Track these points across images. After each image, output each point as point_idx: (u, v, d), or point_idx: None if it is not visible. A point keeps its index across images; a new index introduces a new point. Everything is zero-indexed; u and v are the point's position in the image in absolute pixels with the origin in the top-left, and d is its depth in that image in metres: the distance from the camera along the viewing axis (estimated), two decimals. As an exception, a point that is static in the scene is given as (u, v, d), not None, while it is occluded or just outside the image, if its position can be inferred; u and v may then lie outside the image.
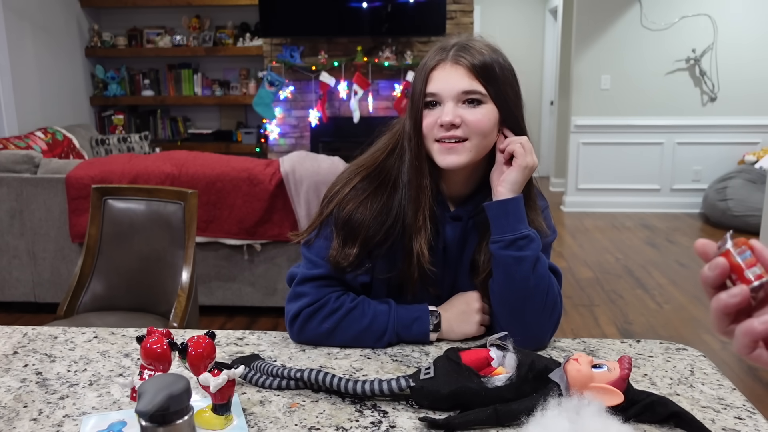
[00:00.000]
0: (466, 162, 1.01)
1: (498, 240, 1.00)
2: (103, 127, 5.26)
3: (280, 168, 2.87)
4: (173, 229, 1.83)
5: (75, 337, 1.09)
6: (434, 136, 1.00)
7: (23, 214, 2.97)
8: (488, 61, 0.99)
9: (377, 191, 1.05)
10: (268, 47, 4.96)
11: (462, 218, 1.08)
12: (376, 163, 1.07)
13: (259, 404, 0.86)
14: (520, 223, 1.00)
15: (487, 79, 0.98)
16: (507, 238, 0.99)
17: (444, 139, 1.00)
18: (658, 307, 3.30)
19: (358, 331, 1.03)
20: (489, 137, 1.01)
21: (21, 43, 4.30)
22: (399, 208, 1.04)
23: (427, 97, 1.01)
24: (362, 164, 1.09)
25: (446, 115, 0.98)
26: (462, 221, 1.08)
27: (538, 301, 1.01)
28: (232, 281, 3.01)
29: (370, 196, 1.04)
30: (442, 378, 0.84)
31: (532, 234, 1.00)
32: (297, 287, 1.05)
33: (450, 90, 0.98)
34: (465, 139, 0.99)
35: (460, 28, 4.88)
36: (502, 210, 1.00)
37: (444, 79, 0.99)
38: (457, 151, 1.00)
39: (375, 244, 1.03)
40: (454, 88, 0.98)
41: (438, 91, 0.99)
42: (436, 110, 1.00)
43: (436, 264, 1.06)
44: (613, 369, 0.80)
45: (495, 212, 1.01)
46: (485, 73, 0.98)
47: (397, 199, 1.04)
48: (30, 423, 0.82)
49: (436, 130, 1.00)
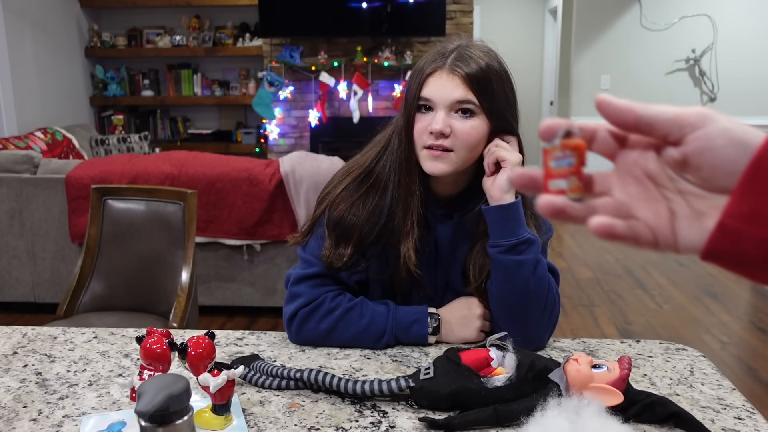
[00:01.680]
0: (450, 171, 1.01)
1: (498, 244, 1.00)
2: (102, 127, 5.26)
3: (279, 168, 2.87)
4: (173, 230, 1.83)
5: (75, 337, 1.09)
6: (423, 142, 1.01)
7: (23, 215, 2.97)
8: (485, 71, 0.99)
9: (369, 191, 1.06)
10: (268, 47, 4.96)
11: (453, 216, 1.08)
12: (367, 163, 1.08)
13: (258, 404, 0.86)
14: (520, 227, 1.00)
15: (482, 91, 0.99)
16: (507, 243, 0.99)
17: (432, 147, 1.00)
18: (658, 307, 3.30)
19: (356, 332, 1.03)
20: (475, 150, 1.02)
21: (21, 44, 4.30)
22: (390, 209, 1.04)
23: (421, 101, 1.01)
24: (354, 164, 1.09)
25: (436, 123, 0.98)
26: (453, 219, 1.08)
27: (538, 303, 1.01)
28: (232, 281, 3.01)
29: (362, 197, 1.05)
30: (442, 378, 0.84)
31: (531, 237, 1.01)
32: (293, 287, 1.06)
33: (444, 98, 0.99)
34: (450, 150, 1.00)
35: (459, 29, 4.88)
36: (501, 215, 1.00)
37: (439, 87, 0.99)
38: (443, 159, 1.00)
39: (368, 244, 1.04)
40: (448, 97, 0.98)
41: (432, 97, 1.00)
42: (428, 116, 1.01)
43: (428, 263, 1.07)
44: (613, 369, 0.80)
45: (494, 217, 1.01)
46: (480, 85, 0.98)
47: (388, 200, 1.05)
48: (29, 423, 0.82)
49: (425, 137, 1.00)
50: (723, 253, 0.36)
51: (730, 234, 0.35)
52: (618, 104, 0.39)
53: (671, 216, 0.39)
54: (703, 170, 0.37)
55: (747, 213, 0.35)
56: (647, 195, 0.40)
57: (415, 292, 1.08)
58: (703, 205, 0.38)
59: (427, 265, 1.07)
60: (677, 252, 0.39)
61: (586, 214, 0.39)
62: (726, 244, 0.36)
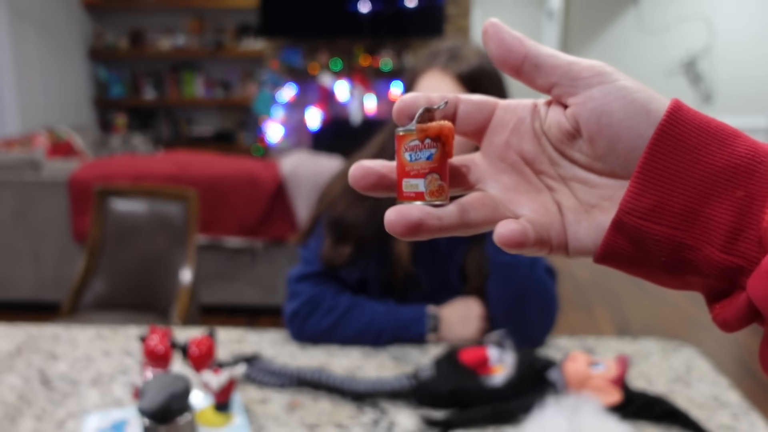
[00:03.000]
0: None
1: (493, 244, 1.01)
2: (105, 128, 5.27)
3: (280, 169, 2.89)
4: (175, 229, 1.85)
5: (77, 336, 1.10)
6: None
7: (26, 215, 2.98)
8: (476, 70, 1.00)
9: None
10: (269, 49, 4.97)
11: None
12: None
13: (260, 403, 0.87)
14: None
15: (474, 90, 1.00)
16: None
17: None
18: (656, 306, 3.30)
19: (356, 330, 1.04)
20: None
21: (24, 45, 4.31)
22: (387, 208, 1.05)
23: None
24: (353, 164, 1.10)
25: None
26: None
27: (535, 302, 1.02)
28: (233, 281, 3.03)
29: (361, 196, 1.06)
30: (442, 377, 0.85)
31: None
32: (293, 286, 1.07)
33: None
34: None
35: (459, 31, 4.89)
36: None
37: (431, 87, 1.00)
38: None
39: (367, 243, 1.05)
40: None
41: None
42: None
43: (425, 262, 1.08)
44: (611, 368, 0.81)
45: None
46: (472, 84, 0.99)
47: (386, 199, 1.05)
48: (33, 421, 0.83)
49: None
50: (620, 255, 0.29)
51: (629, 233, 0.28)
52: (509, 32, 0.31)
53: (560, 210, 0.32)
54: (597, 143, 0.29)
55: (648, 207, 0.28)
56: (528, 185, 0.32)
57: (412, 290, 1.09)
58: (592, 195, 0.31)
59: (424, 264, 1.08)
60: (567, 255, 0.31)
61: (453, 223, 0.30)
62: (623, 243, 0.29)
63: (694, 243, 0.28)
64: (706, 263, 0.28)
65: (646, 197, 0.28)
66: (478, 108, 0.33)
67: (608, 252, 0.30)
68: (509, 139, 0.33)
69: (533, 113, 0.33)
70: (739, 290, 0.28)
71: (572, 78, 0.30)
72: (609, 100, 0.29)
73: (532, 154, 0.32)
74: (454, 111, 0.32)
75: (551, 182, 0.32)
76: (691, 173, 0.27)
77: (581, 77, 0.29)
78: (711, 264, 0.28)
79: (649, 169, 0.28)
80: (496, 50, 0.31)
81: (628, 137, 0.28)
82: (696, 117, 0.28)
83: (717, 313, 0.29)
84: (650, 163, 0.28)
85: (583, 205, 0.31)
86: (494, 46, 0.31)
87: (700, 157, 0.27)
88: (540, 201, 0.32)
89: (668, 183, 0.28)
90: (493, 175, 0.33)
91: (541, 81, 0.31)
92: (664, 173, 0.28)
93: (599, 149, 0.29)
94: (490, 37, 0.31)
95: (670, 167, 0.28)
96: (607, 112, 0.29)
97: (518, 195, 0.32)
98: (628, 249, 0.29)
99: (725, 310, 0.28)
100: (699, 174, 0.27)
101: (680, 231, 0.28)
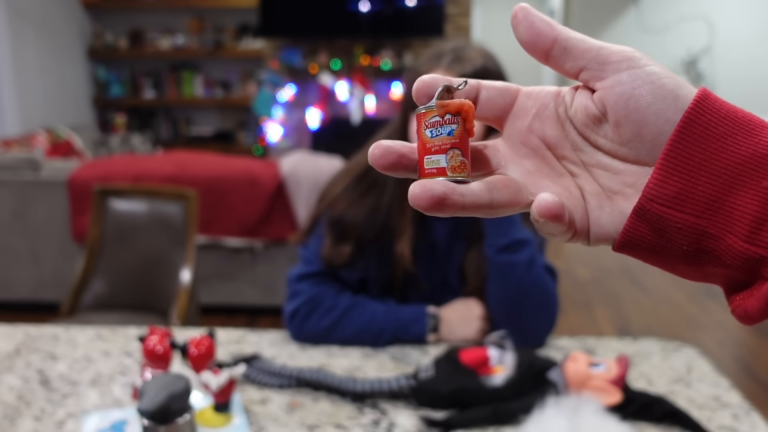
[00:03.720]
0: None
1: (491, 244, 1.01)
2: (105, 127, 5.27)
3: (280, 169, 2.89)
4: (174, 229, 1.85)
5: (77, 336, 1.10)
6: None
7: (25, 215, 2.98)
8: (481, 71, 0.99)
9: (368, 191, 1.07)
10: (269, 49, 4.97)
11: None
12: (366, 162, 1.09)
13: (259, 403, 0.87)
14: (513, 227, 1.01)
15: None
16: (500, 243, 1.00)
17: None
18: (656, 306, 3.30)
19: (355, 330, 1.04)
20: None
21: (24, 45, 4.31)
22: (388, 208, 1.05)
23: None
24: (354, 164, 1.10)
25: None
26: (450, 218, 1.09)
27: (535, 302, 1.02)
28: (233, 281, 3.02)
29: (361, 196, 1.06)
30: (442, 377, 0.85)
31: (526, 237, 1.01)
32: (294, 285, 1.07)
33: None
34: None
35: (459, 30, 4.89)
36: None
37: None
38: None
39: (367, 243, 1.05)
40: None
41: None
42: None
43: (425, 262, 1.08)
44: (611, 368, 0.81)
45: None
46: None
47: (387, 199, 1.06)
48: (32, 422, 0.82)
49: None
50: (641, 243, 0.29)
51: (651, 220, 0.28)
52: (539, 16, 0.30)
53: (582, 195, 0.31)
54: (623, 127, 0.29)
55: (672, 194, 0.28)
56: (550, 170, 0.32)
57: (412, 290, 1.09)
58: (615, 182, 0.30)
59: (424, 264, 1.08)
60: (588, 242, 0.31)
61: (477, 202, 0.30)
62: (645, 231, 0.29)
63: (717, 232, 0.27)
64: (728, 253, 0.27)
65: (671, 184, 0.28)
66: (501, 93, 0.33)
67: (629, 239, 0.29)
68: (532, 124, 0.33)
69: (557, 99, 0.32)
70: (761, 281, 0.27)
71: (601, 62, 0.29)
72: (637, 84, 0.28)
73: (554, 139, 0.32)
74: (476, 96, 0.33)
75: (573, 168, 0.32)
76: (716, 162, 0.27)
77: (610, 62, 0.29)
78: (733, 254, 0.27)
79: (674, 156, 0.28)
80: (525, 34, 0.31)
81: (656, 122, 0.28)
82: (723, 106, 0.28)
83: (737, 305, 0.28)
84: (676, 150, 0.27)
85: (606, 192, 0.31)
86: (524, 30, 0.31)
87: (726, 145, 0.27)
88: (563, 185, 0.32)
89: (693, 171, 0.27)
90: (514, 159, 0.33)
91: (569, 65, 0.30)
92: (690, 161, 0.27)
93: (625, 134, 0.29)
94: (520, 21, 0.31)
95: (696, 155, 0.27)
96: (635, 97, 0.28)
97: (541, 179, 0.32)
98: (649, 237, 0.29)
99: (746, 301, 0.28)
100: (724, 163, 0.27)
101: (703, 219, 0.28)
